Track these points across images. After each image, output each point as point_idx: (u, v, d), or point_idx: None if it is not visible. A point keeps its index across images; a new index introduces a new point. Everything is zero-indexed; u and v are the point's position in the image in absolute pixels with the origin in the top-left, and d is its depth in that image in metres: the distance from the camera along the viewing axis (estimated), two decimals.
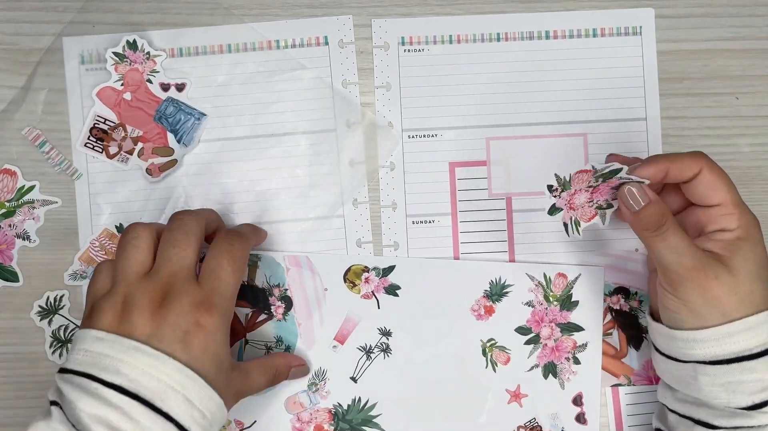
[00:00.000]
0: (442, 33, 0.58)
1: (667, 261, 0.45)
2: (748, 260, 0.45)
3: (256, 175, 0.57)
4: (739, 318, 0.44)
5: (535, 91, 0.58)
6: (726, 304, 0.44)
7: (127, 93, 0.57)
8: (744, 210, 0.46)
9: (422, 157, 0.58)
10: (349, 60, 0.58)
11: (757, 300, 0.45)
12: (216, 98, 0.57)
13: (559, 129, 0.58)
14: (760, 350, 0.44)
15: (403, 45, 0.58)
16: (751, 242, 0.46)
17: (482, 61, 0.58)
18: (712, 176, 0.46)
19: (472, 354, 0.56)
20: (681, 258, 0.45)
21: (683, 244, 0.45)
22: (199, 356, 0.44)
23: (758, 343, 0.44)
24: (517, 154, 0.57)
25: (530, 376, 0.56)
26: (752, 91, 0.58)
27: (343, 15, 0.58)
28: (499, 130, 0.58)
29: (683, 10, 0.59)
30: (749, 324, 0.44)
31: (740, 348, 0.44)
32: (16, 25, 0.58)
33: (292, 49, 0.58)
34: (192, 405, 0.43)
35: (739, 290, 0.44)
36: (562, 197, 0.49)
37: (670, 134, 0.58)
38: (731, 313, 0.44)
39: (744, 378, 0.44)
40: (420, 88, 0.58)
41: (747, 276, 0.45)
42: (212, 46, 0.57)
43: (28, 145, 0.57)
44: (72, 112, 0.57)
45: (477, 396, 0.56)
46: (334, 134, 0.57)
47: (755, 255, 0.45)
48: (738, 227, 0.46)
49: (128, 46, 0.57)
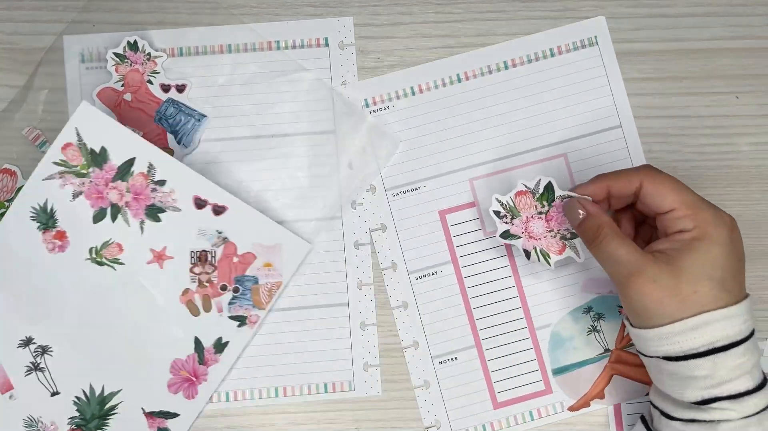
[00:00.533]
0: (403, 86, 0.58)
1: (608, 270, 0.48)
2: (699, 260, 0.46)
3: (256, 176, 0.57)
4: (680, 319, 0.45)
5: (507, 123, 0.58)
6: (667, 306, 0.45)
7: (128, 94, 0.57)
8: (701, 210, 0.47)
9: (411, 211, 0.58)
10: (349, 61, 0.58)
11: (702, 300, 0.45)
12: (216, 99, 0.57)
13: (538, 154, 0.58)
14: (706, 349, 0.45)
15: (368, 106, 0.58)
16: (707, 241, 0.46)
17: (448, 105, 0.58)
18: (655, 186, 0.48)
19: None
20: (618, 266, 0.47)
21: (620, 253, 0.47)
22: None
23: (703, 343, 0.45)
24: (503, 188, 0.57)
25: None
26: (752, 91, 0.58)
27: (344, 16, 0.58)
28: (480, 168, 0.58)
29: (684, 9, 0.59)
30: (690, 325, 0.45)
31: (685, 347, 0.45)
32: (15, 25, 0.58)
33: (293, 50, 0.58)
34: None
35: (680, 292, 0.45)
36: (515, 224, 0.52)
37: (670, 134, 0.58)
38: (674, 314, 0.45)
39: (694, 374, 0.45)
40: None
41: (693, 277, 0.45)
42: (213, 47, 0.57)
43: (28, 145, 0.57)
44: (72, 111, 0.57)
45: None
46: (334, 136, 0.58)
47: (709, 255, 0.46)
48: (694, 227, 0.46)
49: (129, 47, 0.57)
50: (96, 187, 0.54)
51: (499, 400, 0.56)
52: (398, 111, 0.58)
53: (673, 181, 0.48)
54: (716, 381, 0.45)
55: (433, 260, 0.57)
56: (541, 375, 0.57)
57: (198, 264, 0.55)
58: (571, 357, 0.57)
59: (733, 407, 0.45)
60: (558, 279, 0.57)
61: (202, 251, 0.55)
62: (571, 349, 0.57)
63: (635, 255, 0.46)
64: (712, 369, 0.45)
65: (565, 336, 0.57)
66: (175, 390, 0.55)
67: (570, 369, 0.57)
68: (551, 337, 0.57)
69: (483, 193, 0.58)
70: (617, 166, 0.57)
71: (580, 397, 0.56)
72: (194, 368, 0.55)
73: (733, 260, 0.46)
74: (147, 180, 0.54)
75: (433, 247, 0.57)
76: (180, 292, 0.55)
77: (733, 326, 0.45)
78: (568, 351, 0.57)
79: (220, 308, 0.55)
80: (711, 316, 0.45)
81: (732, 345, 0.45)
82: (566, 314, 0.57)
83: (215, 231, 0.55)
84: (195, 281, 0.55)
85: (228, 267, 0.55)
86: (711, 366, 0.45)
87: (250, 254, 0.55)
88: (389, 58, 0.58)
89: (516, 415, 0.56)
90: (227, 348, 0.55)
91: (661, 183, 0.48)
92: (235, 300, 0.55)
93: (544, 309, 0.57)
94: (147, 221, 0.54)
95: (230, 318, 0.55)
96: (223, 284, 0.55)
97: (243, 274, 0.55)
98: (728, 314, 0.45)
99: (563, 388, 0.56)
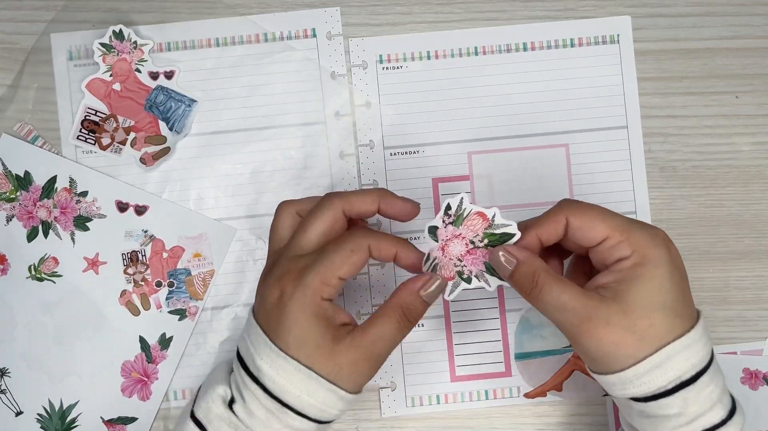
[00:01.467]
0: (420, 49, 0.58)
1: (553, 320, 0.43)
2: (646, 289, 0.42)
3: (250, 157, 0.57)
4: (643, 359, 0.42)
5: (514, 104, 0.58)
6: (625, 347, 0.42)
7: (117, 83, 0.56)
8: (634, 231, 0.43)
9: (405, 173, 0.57)
10: (338, 52, 0.58)
11: (659, 333, 0.42)
12: (206, 84, 0.57)
13: (540, 140, 0.58)
14: (674, 385, 0.42)
15: (381, 63, 0.58)
16: (650, 266, 0.42)
17: (461, 75, 0.58)
18: (581, 219, 0.43)
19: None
20: (565, 315, 0.42)
21: (563, 299, 0.42)
22: (288, 342, 0.43)
23: (670, 379, 0.42)
24: (499, 167, 0.57)
25: None
26: (752, 90, 0.58)
27: (330, 7, 0.58)
28: (481, 143, 0.58)
29: (683, 9, 0.58)
30: (654, 363, 0.42)
31: (653, 387, 0.42)
32: (16, 25, 0.57)
33: (280, 42, 0.57)
34: (299, 395, 0.43)
35: (635, 328, 0.41)
36: (447, 229, 0.46)
37: (670, 133, 0.58)
38: (635, 354, 0.42)
39: (665, 413, 0.42)
40: (400, 105, 0.58)
41: (644, 310, 0.42)
42: (200, 40, 0.57)
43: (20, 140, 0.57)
44: (62, 106, 0.57)
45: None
46: (323, 114, 0.57)
47: (654, 281, 0.42)
48: (633, 252, 0.42)
49: (115, 36, 0.56)
50: (25, 208, 0.56)
51: (458, 374, 0.57)
52: (411, 72, 0.58)
53: (597, 209, 0.44)
54: (689, 418, 0.42)
55: (418, 225, 0.56)
56: (503, 357, 0.57)
57: (130, 265, 0.56)
58: (536, 344, 0.57)
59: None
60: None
61: (132, 251, 0.56)
62: (537, 337, 0.57)
63: (581, 300, 0.42)
64: (683, 406, 0.42)
65: (534, 323, 0.57)
66: (129, 394, 0.56)
67: (533, 356, 0.57)
68: (520, 322, 0.57)
69: (479, 168, 0.57)
70: (616, 167, 0.57)
71: (538, 386, 0.56)
72: (144, 367, 0.56)
73: (677, 279, 0.43)
74: (70, 194, 0.56)
75: (420, 213, 0.56)
76: (118, 294, 0.56)
77: (696, 353, 0.42)
78: (535, 338, 0.57)
79: (159, 304, 0.56)
80: (672, 349, 0.42)
81: (699, 375, 0.42)
82: None
83: (141, 231, 0.56)
84: (130, 281, 0.56)
85: (159, 264, 0.57)
86: (681, 403, 0.42)
87: (178, 248, 0.57)
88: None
89: (472, 392, 0.57)
90: (172, 343, 0.56)
91: (586, 213, 0.44)
92: (172, 294, 0.56)
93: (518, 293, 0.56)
94: (77, 232, 0.56)
95: (170, 313, 0.56)
96: (157, 281, 0.56)
97: (175, 268, 0.56)
98: (688, 342, 0.42)
99: (523, 374, 0.57)
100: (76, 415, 0.56)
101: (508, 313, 0.57)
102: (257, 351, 0.44)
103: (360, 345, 0.43)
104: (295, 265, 0.44)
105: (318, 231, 0.45)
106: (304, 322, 0.43)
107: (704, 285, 0.57)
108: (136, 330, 0.56)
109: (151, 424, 0.56)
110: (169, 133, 0.57)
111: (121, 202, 0.56)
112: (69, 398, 0.56)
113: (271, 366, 0.43)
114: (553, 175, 0.57)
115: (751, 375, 0.56)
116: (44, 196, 0.56)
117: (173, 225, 0.56)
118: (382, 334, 0.44)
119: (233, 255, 0.57)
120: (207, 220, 0.56)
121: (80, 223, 0.56)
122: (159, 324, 0.56)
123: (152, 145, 0.57)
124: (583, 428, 0.56)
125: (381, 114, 0.58)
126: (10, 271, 0.56)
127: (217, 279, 0.56)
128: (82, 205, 0.56)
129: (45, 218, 0.56)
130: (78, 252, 0.56)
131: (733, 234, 0.57)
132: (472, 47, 0.58)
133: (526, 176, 0.57)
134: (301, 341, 0.43)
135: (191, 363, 0.56)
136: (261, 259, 0.56)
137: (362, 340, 0.43)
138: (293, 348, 0.43)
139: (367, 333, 0.44)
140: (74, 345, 0.56)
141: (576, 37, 0.58)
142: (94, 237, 0.56)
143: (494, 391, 0.56)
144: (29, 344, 0.56)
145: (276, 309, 0.44)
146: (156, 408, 0.56)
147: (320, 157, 0.57)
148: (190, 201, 0.57)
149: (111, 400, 0.56)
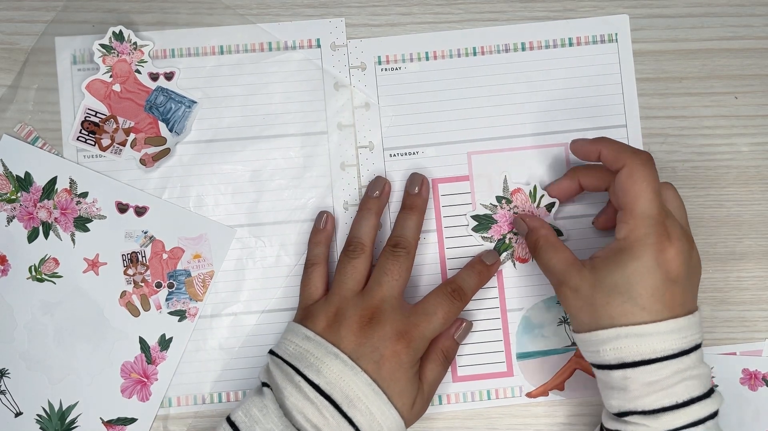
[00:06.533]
0: (418, 50, 0.58)
1: (547, 277, 0.51)
2: (615, 273, 0.46)
3: (250, 158, 0.57)
4: (594, 330, 0.46)
5: (513, 104, 0.58)
6: (584, 315, 0.47)
7: (117, 84, 0.56)
8: (641, 223, 0.46)
9: (405, 175, 0.57)
10: (341, 62, 0.58)
11: (612, 314, 0.45)
12: (206, 85, 0.57)
13: (539, 140, 0.58)
14: (616, 362, 0.46)
15: (380, 64, 0.58)
16: (629, 255, 0.46)
17: (460, 76, 0.58)
18: (629, 180, 0.47)
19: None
20: (551, 275, 0.50)
21: (552, 262, 0.49)
22: (386, 378, 0.48)
23: (614, 357, 0.45)
24: (499, 167, 0.57)
25: None
26: (751, 91, 0.58)
27: (337, 17, 0.58)
28: (480, 144, 0.58)
29: (682, 9, 0.58)
30: (602, 337, 0.46)
31: (598, 359, 0.47)
32: (16, 25, 0.57)
33: (285, 52, 0.57)
34: (373, 417, 0.47)
35: (594, 302, 0.46)
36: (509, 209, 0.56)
37: (669, 134, 0.58)
38: (589, 323, 0.47)
39: (611, 384, 0.47)
40: (399, 106, 0.58)
41: (607, 289, 0.46)
42: (204, 48, 0.57)
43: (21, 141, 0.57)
44: (63, 107, 0.57)
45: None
46: (324, 114, 0.57)
47: (626, 269, 0.45)
48: (623, 238, 0.46)
49: (114, 37, 0.56)
50: (26, 209, 0.56)
51: (459, 374, 0.57)
52: (410, 73, 0.58)
53: (644, 186, 0.46)
54: (630, 396, 0.45)
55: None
56: (504, 357, 0.57)
57: (130, 266, 0.56)
58: (537, 344, 0.57)
59: (648, 423, 0.45)
60: (537, 265, 0.56)
61: (132, 252, 0.57)
62: (539, 336, 0.57)
63: (564, 265, 0.49)
64: (623, 383, 0.45)
65: (535, 322, 0.57)
66: (129, 395, 0.56)
67: (534, 356, 0.57)
68: (521, 321, 0.57)
69: (479, 168, 0.57)
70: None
71: (540, 385, 0.56)
72: (144, 368, 0.56)
73: (656, 279, 0.45)
74: (70, 194, 0.57)
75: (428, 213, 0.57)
76: (118, 295, 0.56)
77: (648, 344, 0.44)
78: (536, 338, 0.57)
79: (159, 305, 0.56)
80: (621, 331, 0.45)
81: (644, 363, 0.44)
82: (540, 301, 0.57)
83: (141, 232, 0.57)
84: (130, 282, 0.56)
85: (159, 265, 0.57)
86: (621, 380, 0.45)
87: (178, 249, 0.57)
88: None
89: (474, 392, 0.57)
90: (172, 344, 0.56)
91: (635, 181, 0.47)
92: (172, 295, 0.57)
93: (519, 292, 0.57)
94: (77, 232, 0.57)
95: (170, 314, 0.56)
96: (157, 281, 0.56)
97: (175, 269, 0.57)
98: (641, 332, 0.44)
99: (525, 373, 0.57)
100: (75, 416, 0.55)
101: (509, 313, 0.57)
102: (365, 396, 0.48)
103: (424, 391, 0.51)
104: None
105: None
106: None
107: (704, 286, 0.56)
108: (136, 331, 0.56)
109: (150, 425, 0.56)
110: (169, 134, 0.57)
111: (121, 202, 0.56)
112: (68, 399, 0.56)
113: (381, 413, 0.48)
114: (552, 174, 0.57)
115: (751, 375, 0.56)
116: (44, 196, 0.56)
117: (173, 226, 0.56)
118: (435, 377, 0.52)
119: (233, 256, 0.57)
120: (207, 221, 0.56)
121: (80, 224, 0.56)
122: (159, 325, 0.56)
123: (152, 146, 0.57)
124: (584, 428, 0.56)
125: (380, 115, 0.58)
126: (11, 272, 0.56)
127: (217, 279, 0.56)
128: (82, 206, 0.56)
129: (45, 219, 0.56)
130: (78, 253, 0.56)
131: (732, 235, 0.57)
132: (471, 48, 0.58)
133: (525, 176, 0.57)
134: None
135: (191, 362, 0.56)
136: (261, 260, 0.57)
137: (423, 386, 0.51)
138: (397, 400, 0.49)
139: (425, 378, 0.51)
140: (74, 346, 0.56)
141: (574, 36, 0.58)
142: (94, 238, 0.56)
143: (496, 391, 0.56)
144: (29, 344, 0.56)
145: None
146: (155, 409, 0.56)
147: (320, 157, 0.57)
148: (190, 202, 0.57)
149: (110, 401, 0.56)
